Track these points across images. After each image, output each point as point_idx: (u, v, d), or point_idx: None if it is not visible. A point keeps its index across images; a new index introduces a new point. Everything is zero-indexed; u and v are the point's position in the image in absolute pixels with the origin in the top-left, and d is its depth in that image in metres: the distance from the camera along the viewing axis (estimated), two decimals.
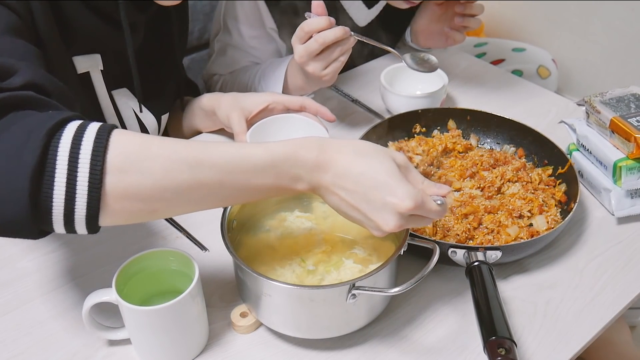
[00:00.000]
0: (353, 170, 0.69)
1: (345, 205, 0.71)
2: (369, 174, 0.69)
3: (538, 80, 1.67)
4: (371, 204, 0.69)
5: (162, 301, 0.73)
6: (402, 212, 0.68)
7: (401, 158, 0.72)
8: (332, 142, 0.71)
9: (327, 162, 0.69)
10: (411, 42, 1.44)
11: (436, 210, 0.71)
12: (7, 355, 0.80)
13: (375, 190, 0.69)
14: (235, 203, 0.70)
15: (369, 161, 0.69)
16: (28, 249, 0.95)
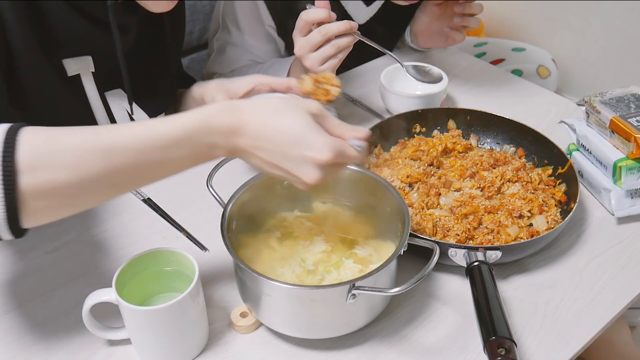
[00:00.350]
0: (268, 130, 0.69)
1: (267, 165, 0.72)
2: (283, 132, 0.69)
3: (538, 80, 1.67)
4: (291, 160, 0.70)
5: (162, 301, 0.73)
6: (322, 164, 0.69)
7: (315, 107, 0.72)
8: (243, 104, 0.71)
9: (241, 126, 0.69)
10: (411, 42, 1.43)
11: (355, 157, 0.72)
12: (7, 355, 0.80)
13: (293, 146, 0.69)
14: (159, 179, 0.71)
15: (282, 118, 0.70)
16: (28, 249, 0.95)
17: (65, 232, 0.98)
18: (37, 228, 0.98)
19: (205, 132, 0.68)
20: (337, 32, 1.02)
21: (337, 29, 1.01)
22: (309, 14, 1.03)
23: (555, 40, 2.32)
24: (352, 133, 0.73)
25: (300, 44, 1.05)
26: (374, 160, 1.08)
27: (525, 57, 1.71)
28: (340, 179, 0.91)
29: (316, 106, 0.73)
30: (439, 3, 1.32)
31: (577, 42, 2.30)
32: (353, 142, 0.72)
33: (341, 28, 1.02)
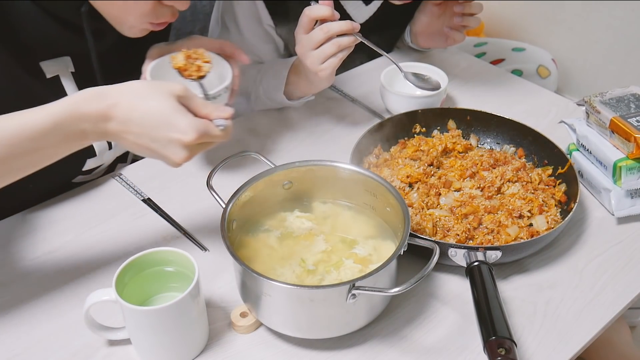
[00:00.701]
0: (134, 114, 0.73)
1: (137, 147, 0.76)
2: (149, 115, 0.73)
3: (538, 79, 1.67)
4: (158, 142, 0.74)
5: (162, 301, 0.73)
6: (187, 144, 0.73)
7: (180, 88, 0.75)
8: (110, 89, 0.74)
9: (108, 111, 0.73)
10: (411, 42, 1.43)
11: (219, 136, 0.76)
12: (7, 355, 0.80)
13: (159, 129, 0.73)
14: (38, 168, 0.76)
15: (148, 102, 0.73)
16: (28, 248, 0.95)
17: (65, 232, 0.98)
18: (37, 228, 0.99)
19: (74, 119, 0.72)
20: (339, 31, 1.02)
21: (339, 27, 1.01)
22: (312, 10, 1.02)
23: (555, 40, 2.32)
24: (217, 113, 0.76)
25: (301, 42, 1.05)
26: (374, 160, 1.08)
27: (525, 57, 1.71)
28: (340, 179, 0.91)
29: (181, 88, 0.75)
30: (439, 3, 1.32)
31: (577, 42, 2.30)
32: (218, 121, 0.76)
33: (343, 27, 1.02)
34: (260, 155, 0.95)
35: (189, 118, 0.73)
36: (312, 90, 1.18)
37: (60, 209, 1.03)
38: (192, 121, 0.73)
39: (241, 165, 0.98)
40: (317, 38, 1.02)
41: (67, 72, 0.98)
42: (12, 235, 0.97)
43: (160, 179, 1.09)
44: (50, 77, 0.96)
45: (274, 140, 1.19)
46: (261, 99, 1.24)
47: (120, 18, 0.90)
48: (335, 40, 1.03)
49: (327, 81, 1.11)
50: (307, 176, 0.92)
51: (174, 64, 0.94)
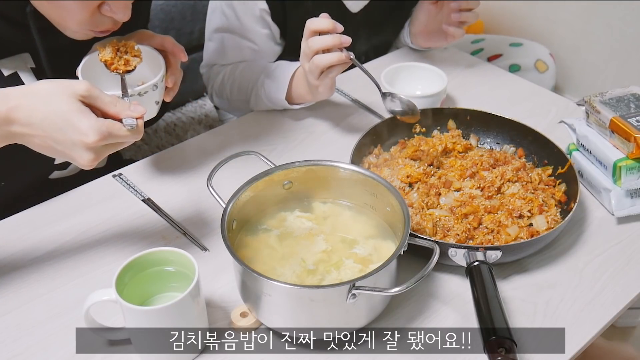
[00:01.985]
0: (36, 116, 0.72)
1: (44, 149, 0.75)
2: (50, 118, 0.72)
3: (536, 74, 1.67)
4: (62, 144, 0.73)
5: (162, 301, 0.73)
6: (90, 146, 0.72)
7: (83, 88, 0.73)
8: (12, 91, 0.74)
9: (10, 114, 0.72)
10: (411, 43, 1.44)
11: (126, 136, 0.74)
12: (7, 355, 0.80)
13: (61, 132, 0.72)
14: None
15: (49, 104, 0.72)
16: (29, 249, 0.95)
17: (65, 232, 0.98)
18: (37, 228, 0.99)
19: None
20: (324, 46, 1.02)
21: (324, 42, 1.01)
22: (313, 23, 1.03)
23: (555, 40, 2.32)
24: (126, 112, 0.75)
25: (302, 51, 1.05)
26: (374, 160, 1.08)
27: (522, 51, 1.71)
28: (340, 179, 0.91)
29: (85, 88, 0.74)
30: (435, 2, 1.32)
31: (577, 42, 2.30)
32: (127, 121, 0.74)
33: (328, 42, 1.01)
34: (260, 155, 0.95)
35: (90, 119, 0.72)
36: (313, 99, 1.18)
37: (60, 209, 1.03)
38: (94, 122, 0.72)
39: (241, 165, 0.98)
40: (307, 51, 1.03)
41: (27, 68, 0.97)
42: (12, 235, 0.97)
43: (160, 179, 1.09)
44: (8, 74, 0.95)
45: (274, 140, 1.19)
46: (262, 99, 1.24)
47: (61, 24, 0.89)
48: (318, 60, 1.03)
49: (326, 94, 1.12)
50: (307, 176, 0.92)
51: (100, 56, 0.93)
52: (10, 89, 0.75)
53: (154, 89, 0.92)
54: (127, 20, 0.92)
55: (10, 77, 0.95)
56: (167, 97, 0.97)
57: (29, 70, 0.97)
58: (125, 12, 0.87)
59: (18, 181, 1.02)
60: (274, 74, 1.22)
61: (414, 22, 1.39)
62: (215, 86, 1.35)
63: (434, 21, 1.34)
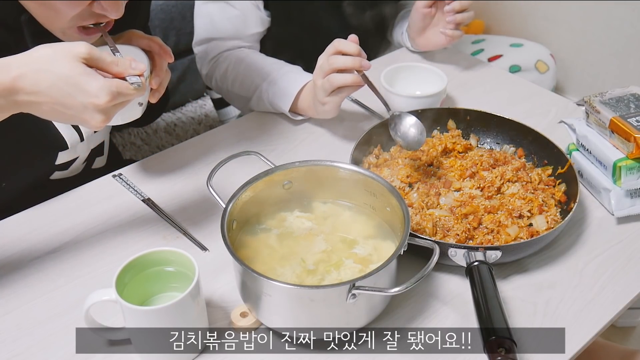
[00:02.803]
0: (42, 85, 0.71)
1: (54, 115, 0.74)
2: (57, 85, 0.71)
3: (536, 74, 1.67)
4: (72, 109, 0.72)
5: (162, 301, 0.73)
6: (102, 108, 0.72)
7: (84, 50, 0.72)
8: (13, 60, 0.72)
9: (14, 84, 0.71)
10: (411, 47, 1.44)
11: (134, 93, 0.75)
12: (7, 355, 0.80)
13: (70, 97, 0.71)
14: None
15: (53, 71, 0.71)
16: (29, 249, 0.95)
17: (65, 232, 0.98)
18: (37, 228, 0.99)
19: None
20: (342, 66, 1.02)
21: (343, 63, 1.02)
22: (341, 43, 1.03)
23: (555, 40, 2.32)
24: (129, 71, 0.75)
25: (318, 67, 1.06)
26: (374, 160, 1.08)
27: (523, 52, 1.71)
28: (340, 179, 0.91)
29: (85, 49, 0.73)
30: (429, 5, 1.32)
31: (577, 42, 2.31)
32: (132, 79, 0.75)
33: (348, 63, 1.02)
34: (260, 155, 0.95)
35: (99, 81, 0.72)
36: (315, 116, 1.18)
37: (60, 209, 1.03)
38: (103, 83, 0.71)
39: (241, 165, 0.98)
40: (325, 68, 1.04)
41: None
42: (12, 236, 0.97)
43: (160, 179, 1.09)
44: None
45: (274, 140, 1.19)
46: (264, 103, 1.23)
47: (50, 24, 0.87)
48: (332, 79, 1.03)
49: (331, 114, 1.12)
50: (307, 176, 0.92)
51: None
52: (11, 58, 0.73)
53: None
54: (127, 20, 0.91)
55: None
56: (152, 99, 0.96)
57: None
58: (116, 11, 0.85)
59: (19, 182, 1.02)
60: (281, 83, 1.20)
61: (411, 26, 1.39)
62: (218, 75, 1.34)
63: (430, 25, 1.35)
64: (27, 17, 0.89)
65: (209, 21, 1.33)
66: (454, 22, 1.28)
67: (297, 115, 1.21)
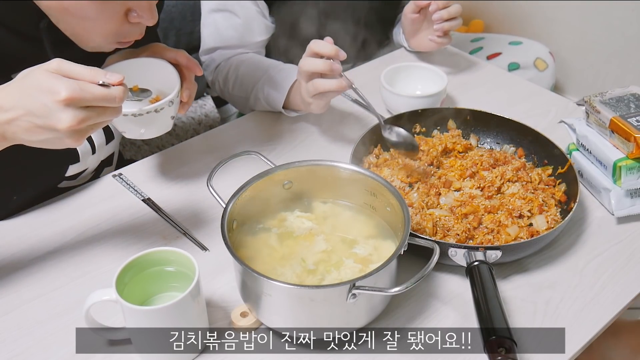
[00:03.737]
0: (13, 98, 0.72)
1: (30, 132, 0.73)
2: (25, 92, 0.71)
3: (535, 72, 1.66)
4: (40, 116, 0.71)
5: (162, 301, 0.73)
6: (65, 102, 0.69)
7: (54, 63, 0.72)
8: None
9: None
10: (408, 47, 1.44)
11: (100, 93, 0.71)
12: (7, 355, 0.80)
13: (35, 100, 0.70)
14: None
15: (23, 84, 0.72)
16: (29, 249, 0.95)
17: (65, 232, 0.98)
18: (37, 228, 0.99)
19: None
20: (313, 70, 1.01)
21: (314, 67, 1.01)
22: (317, 45, 1.02)
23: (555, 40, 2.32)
24: (101, 78, 0.73)
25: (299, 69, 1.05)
26: (374, 160, 1.08)
27: (522, 50, 1.71)
28: (340, 179, 0.91)
29: (55, 63, 0.72)
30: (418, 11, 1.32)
31: (577, 42, 2.30)
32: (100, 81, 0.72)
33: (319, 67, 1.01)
34: (260, 155, 0.95)
35: (59, 79, 0.70)
36: (306, 111, 1.18)
37: (61, 209, 1.03)
38: (65, 80, 0.70)
39: (241, 165, 0.98)
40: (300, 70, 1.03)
41: None
42: (12, 236, 0.97)
43: (160, 179, 1.09)
44: None
45: (274, 140, 1.19)
46: (260, 101, 1.24)
47: (85, 38, 0.87)
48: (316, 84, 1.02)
49: (318, 111, 1.11)
50: (307, 176, 0.92)
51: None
52: None
53: (170, 105, 0.93)
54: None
55: None
56: (181, 111, 0.97)
57: None
58: (152, 15, 0.85)
59: (29, 192, 1.02)
60: (276, 79, 1.21)
61: (405, 28, 1.39)
62: (221, 79, 1.35)
63: (421, 28, 1.35)
64: (45, 23, 0.88)
65: (215, 30, 1.34)
66: (442, 30, 1.28)
67: (291, 111, 1.21)
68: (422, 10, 1.31)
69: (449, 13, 1.27)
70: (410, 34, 1.38)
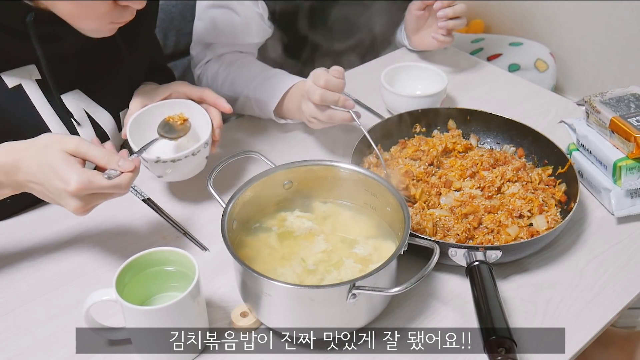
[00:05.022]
0: (33, 167, 0.79)
1: (43, 196, 0.81)
2: (42, 169, 0.78)
3: (536, 73, 1.66)
4: (52, 193, 0.79)
5: (162, 301, 0.73)
6: (73, 194, 0.77)
7: (72, 144, 0.79)
8: (18, 145, 0.81)
9: (16, 164, 0.80)
10: (409, 45, 1.44)
11: (107, 185, 0.78)
12: (7, 355, 0.80)
13: (50, 181, 0.78)
14: None
15: (42, 157, 0.79)
16: (29, 249, 0.95)
17: (65, 232, 0.98)
18: (37, 228, 0.99)
19: None
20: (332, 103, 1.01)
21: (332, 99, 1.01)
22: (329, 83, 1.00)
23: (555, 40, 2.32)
24: (113, 165, 0.80)
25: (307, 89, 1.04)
26: (374, 160, 1.08)
27: (522, 51, 1.70)
28: (340, 179, 0.91)
29: (73, 144, 0.79)
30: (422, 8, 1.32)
31: (577, 42, 2.30)
32: (109, 172, 0.79)
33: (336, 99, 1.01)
34: (260, 155, 0.95)
35: (73, 169, 0.77)
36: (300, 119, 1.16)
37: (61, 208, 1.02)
38: (76, 171, 0.77)
39: (241, 165, 0.99)
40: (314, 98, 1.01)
41: (32, 80, 0.97)
42: (12, 236, 0.97)
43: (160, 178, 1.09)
44: (13, 86, 0.95)
45: (274, 140, 1.19)
46: (250, 104, 1.22)
47: (81, 22, 0.89)
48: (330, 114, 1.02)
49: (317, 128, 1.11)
50: (307, 176, 0.92)
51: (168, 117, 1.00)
52: (16, 143, 0.82)
53: (205, 147, 0.97)
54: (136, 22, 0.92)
55: (14, 89, 0.95)
56: (212, 149, 0.99)
57: (34, 82, 0.97)
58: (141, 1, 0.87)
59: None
60: (269, 82, 1.19)
61: (406, 26, 1.39)
62: (209, 75, 1.32)
63: (424, 27, 1.34)
64: (32, 17, 0.89)
65: (212, 26, 1.33)
66: (446, 28, 1.28)
67: (281, 118, 1.19)
68: (426, 8, 1.31)
69: (453, 11, 1.27)
70: (412, 31, 1.38)
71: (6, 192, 0.84)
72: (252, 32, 1.33)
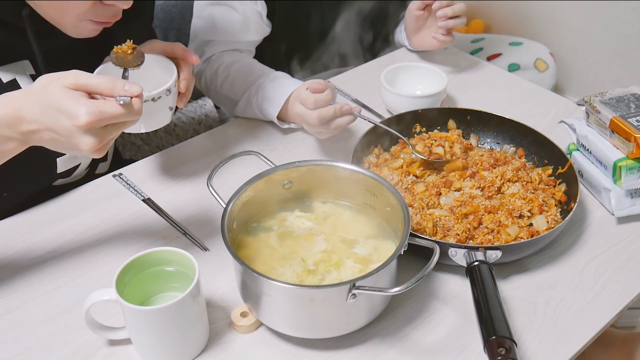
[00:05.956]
0: (36, 113, 0.73)
1: (53, 143, 0.75)
2: (46, 111, 0.72)
3: (536, 73, 1.66)
4: (63, 135, 0.72)
5: (162, 301, 0.73)
6: (86, 128, 0.70)
7: (71, 77, 0.72)
8: (16, 93, 0.75)
9: (17, 114, 0.74)
10: (409, 45, 1.44)
11: (120, 112, 0.71)
12: (7, 355, 0.80)
13: (57, 121, 0.71)
14: None
15: (42, 99, 0.72)
16: (29, 249, 0.95)
17: (65, 232, 0.98)
18: (37, 228, 0.99)
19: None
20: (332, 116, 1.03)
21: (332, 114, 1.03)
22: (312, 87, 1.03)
23: (555, 40, 2.32)
24: (120, 91, 0.72)
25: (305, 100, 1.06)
26: (374, 160, 1.08)
27: (522, 50, 1.70)
28: (340, 179, 0.91)
29: (72, 77, 0.73)
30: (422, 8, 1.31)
31: (577, 42, 2.30)
32: (120, 98, 0.72)
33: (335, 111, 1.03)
34: (260, 155, 0.95)
35: (79, 102, 0.70)
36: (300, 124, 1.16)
37: (61, 208, 1.03)
38: (83, 104, 0.70)
39: (241, 165, 0.98)
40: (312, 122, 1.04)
41: (26, 75, 0.97)
42: (12, 236, 0.97)
43: (160, 179, 1.09)
44: (7, 80, 0.95)
45: (274, 140, 1.19)
46: (252, 107, 1.21)
47: (61, 20, 0.88)
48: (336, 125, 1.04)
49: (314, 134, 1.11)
50: (307, 176, 0.92)
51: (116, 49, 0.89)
52: (12, 92, 0.76)
53: (167, 94, 0.91)
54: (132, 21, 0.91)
55: (9, 84, 0.95)
56: (180, 103, 0.96)
57: (28, 77, 0.97)
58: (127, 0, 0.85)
59: (21, 191, 1.02)
60: (272, 87, 1.18)
61: (406, 26, 1.39)
62: (208, 74, 1.32)
63: (424, 26, 1.34)
64: (28, 11, 0.89)
65: (210, 23, 1.33)
66: (446, 28, 1.28)
67: (284, 123, 1.18)
68: (425, 8, 1.31)
69: (453, 11, 1.27)
70: (412, 32, 1.38)
71: (13, 147, 0.77)
72: (251, 30, 1.33)
